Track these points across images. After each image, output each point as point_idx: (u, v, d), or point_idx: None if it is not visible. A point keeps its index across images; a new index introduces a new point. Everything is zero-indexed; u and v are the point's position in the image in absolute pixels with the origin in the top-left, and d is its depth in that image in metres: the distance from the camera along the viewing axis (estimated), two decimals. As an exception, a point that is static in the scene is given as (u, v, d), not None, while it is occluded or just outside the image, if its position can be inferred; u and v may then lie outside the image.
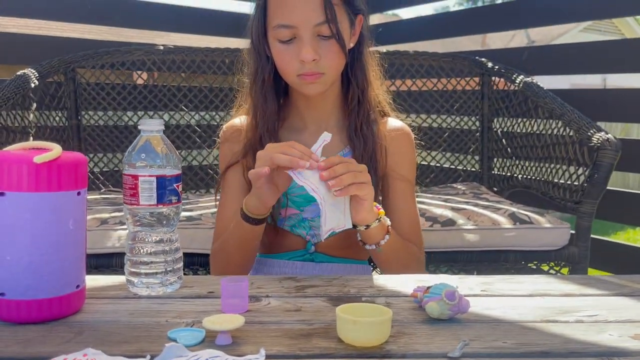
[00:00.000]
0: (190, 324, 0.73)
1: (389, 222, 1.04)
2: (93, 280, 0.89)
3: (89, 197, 1.84)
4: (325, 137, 0.93)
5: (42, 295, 0.71)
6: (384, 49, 2.34)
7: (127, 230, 0.86)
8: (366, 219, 0.97)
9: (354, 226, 0.97)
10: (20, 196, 0.69)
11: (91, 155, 2.05)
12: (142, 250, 0.84)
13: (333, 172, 0.89)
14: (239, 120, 1.19)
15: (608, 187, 1.55)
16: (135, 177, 0.82)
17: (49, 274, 0.72)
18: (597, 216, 1.59)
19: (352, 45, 1.10)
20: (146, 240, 0.84)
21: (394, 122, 1.19)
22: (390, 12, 3.76)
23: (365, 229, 0.99)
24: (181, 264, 0.88)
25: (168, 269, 0.85)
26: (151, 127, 0.84)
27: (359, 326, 0.66)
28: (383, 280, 0.94)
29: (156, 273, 0.85)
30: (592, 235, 1.61)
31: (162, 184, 0.83)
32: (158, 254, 0.85)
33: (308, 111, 1.15)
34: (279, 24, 1.02)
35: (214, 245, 1.16)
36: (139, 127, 0.85)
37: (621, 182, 7.29)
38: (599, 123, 1.66)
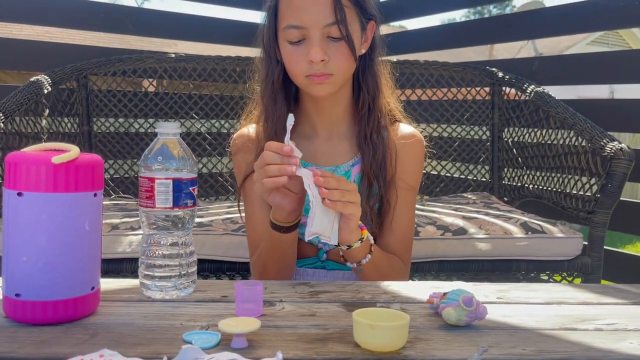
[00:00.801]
0: (206, 327, 0.72)
1: (372, 241, 1.03)
2: (106, 283, 0.89)
3: (99, 203, 1.84)
4: (290, 120, 0.92)
5: (57, 296, 0.71)
6: (394, 58, 2.35)
7: (142, 233, 0.86)
8: (349, 239, 0.97)
9: (337, 244, 0.96)
10: (38, 196, 0.69)
11: (102, 162, 2.05)
12: (156, 253, 0.84)
13: (326, 182, 0.90)
14: (248, 129, 1.18)
15: (622, 198, 1.54)
16: (152, 180, 0.82)
17: (65, 275, 0.71)
18: (609, 227, 1.57)
19: (363, 51, 1.09)
20: (161, 243, 0.84)
21: (405, 129, 1.18)
22: (396, 23, 3.76)
23: (347, 248, 0.99)
24: (195, 268, 0.88)
25: (182, 273, 0.85)
26: (168, 130, 0.85)
27: (377, 331, 0.66)
28: (397, 286, 0.93)
29: (170, 276, 0.84)
30: (605, 247, 1.59)
31: (179, 186, 0.83)
32: (173, 257, 0.84)
33: (318, 117, 1.14)
34: (289, 25, 1.02)
35: (252, 258, 1.16)
36: (156, 130, 0.85)
37: (630, 192, 7.24)
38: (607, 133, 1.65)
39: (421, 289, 0.90)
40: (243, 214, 1.19)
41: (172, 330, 0.71)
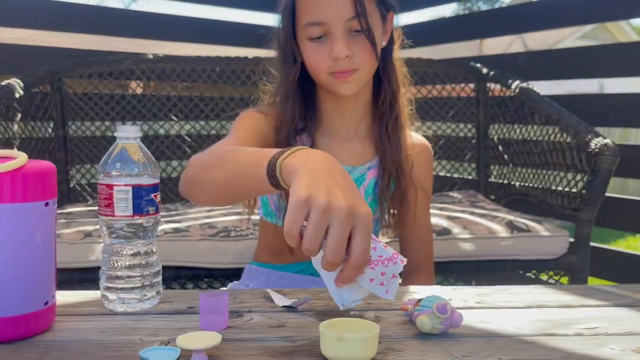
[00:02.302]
0: (166, 342, 0.68)
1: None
2: (67, 296, 0.85)
3: (74, 209, 1.79)
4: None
5: (6, 313, 0.67)
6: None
7: (102, 243, 0.82)
8: None
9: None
10: (-18, 208, 0.65)
11: (78, 167, 2.01)
12: (117, 264, 0.80)
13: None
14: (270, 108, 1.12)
15: (607, 194, 1.52)
16: (110, 187, 0.78)
17: (14, 291, 0.67)
18: (596, 223, 1.55)
19: (384, 44, 1.06)
20: (122, 253, 0.80)
21: (416, 136, 1.18)
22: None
23: None
24: (160, 278, 0.84)
25: (145, 284, 0.81)
26: (128, 133, 0.81)
27: (344, 343, 0.62)
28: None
29: (133, 288, 0.80)
30: (592, 244, 1.57)
31: (139, 193, 0.79)
32: (135, 267, 0.80)
33: (338, 117, 1.10)
34: (309, 22, 0.99)
35: (201, 153, 0.92)
36: (115, 134, 0.81)
37: (620, 188, 7.26)
38: (597, 128, 1.63)
39: (397, 296, 0.87)
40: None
41: (130, 346, 0.67)
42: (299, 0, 1.01)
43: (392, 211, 1.13)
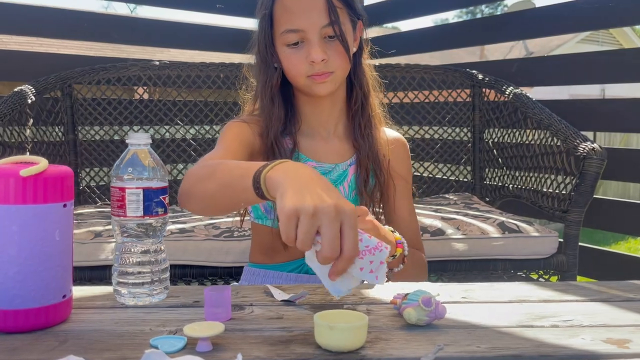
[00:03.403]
0: (173, 332, 0.75)
1: (406, 252, 1.00)
2: (81, 291, 0.91)
3: (84, 210, 1.86)
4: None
5: (29, 305, 0.73)
6: (376, 62, 2.38)
7: (115, 242, 0.88)
8: None
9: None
10: (8, 209, 0.71)
11: (87, 170, 2.08)
12: (129, 261, 0.86)
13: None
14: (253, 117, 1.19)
15: (607, 197, 1.57)
16: (123, 190, 0.85)
17: (36, 284, 0.74)
18: (596, 226, 1.60)
19: (354, 49, 1.14)
20: (132, 251, 0.86)
21: (390, 132, 1.25)
22: (390, 25, 3.80)
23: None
24: (167, 274, 0.90)
25: (154, 279, 0.87)
26: (139, 140, 0.87)
27: (335, 332, 0.68)
28: (366, 288, 0.95)
29: (143, 283, 0.87)
30: (584, 245, 1.63)
31: (149, 196, 0.85)
32: (144, 264, 0.87)
33: (316, 119, 1.18)
34: (287, 29, 1.07)
35: (195, 166, 0.98)
36: (127, 141, 0.87)
37: (622, 192, 7.29)
38: (598, 133, 1.68)
39: (388, 291, 0.93)
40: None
41: (141, 335, 0.74)
42: (276, 10, 1.08)
43: (372, 203, 1.20)
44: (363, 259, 0.75)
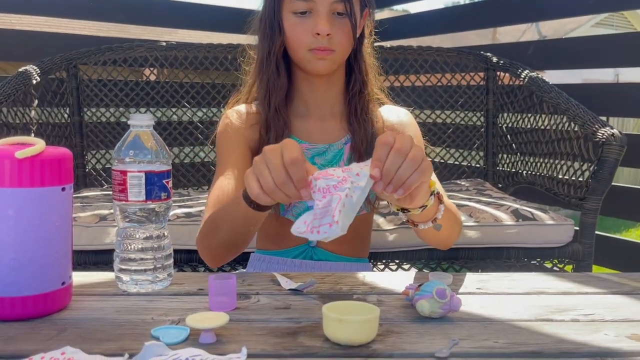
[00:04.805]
0: (176, 322, 0.72)
1: (438, 189, 0.90)
2: (83, 277, 0.89)
3: (90, 193, 1.84)
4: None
5: (26, 292, 0.70)
6: (387, 44, 2.32)
7: (117, 227, 0.85)
8: (424, 200, 0.84)
9: (404, 210, 0.86)
10: (3, 192, 0.68)
11: (93, 152, 2.05)
12: (130, 247, 0.83)
13: (387, 175, 0.74)
14: (241, 107, 1.18)
15: (619, 184, 1.52)
16: (124, 173, 0.81)
17: (33, 271, 0.71)
18: (608, 213, 1.56)
19: (358, 34, 1.12)
20: (135, 236, 0.83)
21: (390, 107, 1.21)
22: (400, 7, 3.73)
23: (422, 210, 0.86)
24: (171, 261, 0.87)
25: (157, 266, 0.84)
26: (141, 121, 0.83)
27: (345, 325, 0.65)
28: (376, 277, 0.92)
29: (145, 270, 0.84)
30: (598, 232, 1.58)
31: (151, 179, 0.82)
32: (147, 250, 0.84)
33: (312, 97, 1.16)
34: None
35: (206, 215, 1.03)
36: (129, 122, 0.84)
37: (634, 178, 7.20)
38: (612, 118, 1.64)
39: (400, 280, 0.90)
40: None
41: (142, 325, 0.71)
42: None
43: None
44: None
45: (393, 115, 1.20)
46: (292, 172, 0.72)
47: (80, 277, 0.88)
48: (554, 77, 1.95)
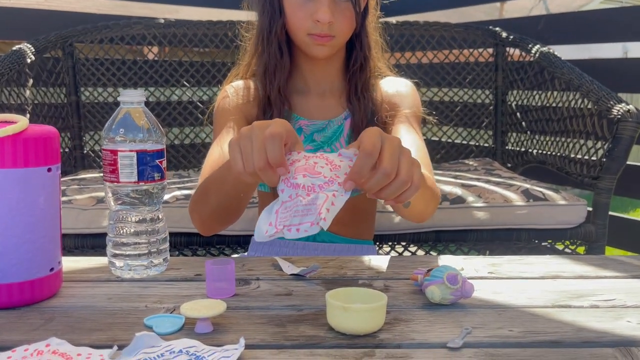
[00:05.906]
0: (171, 310, 0.68)
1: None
2: (74, 262, 0.85)
3: (87, 175, 1.80)
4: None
5: (12, 279, 0.67)
6: (393, 20, 2.25)
7: (108, 210, 0.81)
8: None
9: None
10: (-17, 173, 0.64)
11: (92, 133, 2.00)
12: (123, 231, 0.79)
13: (369, 191, 0.67)
14: (239, 82, 1.14)
15: (629, 162, 1.47)
16: (115, 153, 0.77)
17: (18, 257, 0.67)
18: (616, 192, 1.51)
19: (361, 9, 1.06)
20: (128, 219, 0.79)
21: (390, 79, 1.16)
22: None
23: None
24: (167, 245, 0.83)
25: (152, 250, 0.80)
26: (131, 98, 0.79)
27: (350, 313, 0.61)
28: (383, 261, 0.88)
29: (139, 255, 0.80)
30: (611, 213, 1.53)
31: (143, 159, 0.77)
32: (141, 234, 0.79)
33: (312, 74, 1.12)
34: None
35: (200, 181, 1.00)
36: (119, 99, 0.79)
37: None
38: (620, 94, 1.57)
39: (407, 264, 0.85)
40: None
41: (135, 313, 0.67)
42: None
43: None
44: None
45: (392, 87, 1.14)
46: (269, 147, 0.65)
47: (71, 262, 0.84)
48: (560, 52, 1.88)
